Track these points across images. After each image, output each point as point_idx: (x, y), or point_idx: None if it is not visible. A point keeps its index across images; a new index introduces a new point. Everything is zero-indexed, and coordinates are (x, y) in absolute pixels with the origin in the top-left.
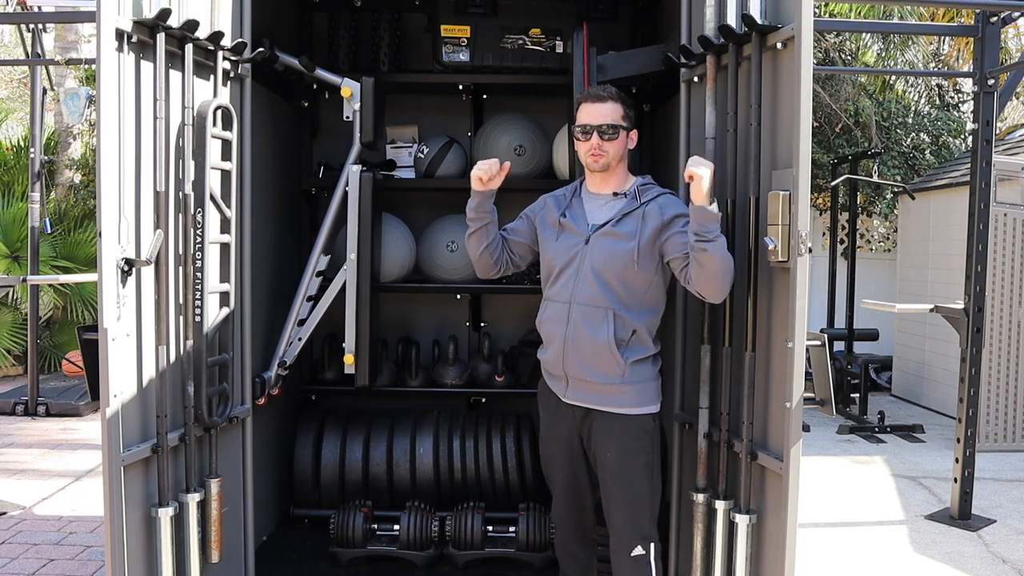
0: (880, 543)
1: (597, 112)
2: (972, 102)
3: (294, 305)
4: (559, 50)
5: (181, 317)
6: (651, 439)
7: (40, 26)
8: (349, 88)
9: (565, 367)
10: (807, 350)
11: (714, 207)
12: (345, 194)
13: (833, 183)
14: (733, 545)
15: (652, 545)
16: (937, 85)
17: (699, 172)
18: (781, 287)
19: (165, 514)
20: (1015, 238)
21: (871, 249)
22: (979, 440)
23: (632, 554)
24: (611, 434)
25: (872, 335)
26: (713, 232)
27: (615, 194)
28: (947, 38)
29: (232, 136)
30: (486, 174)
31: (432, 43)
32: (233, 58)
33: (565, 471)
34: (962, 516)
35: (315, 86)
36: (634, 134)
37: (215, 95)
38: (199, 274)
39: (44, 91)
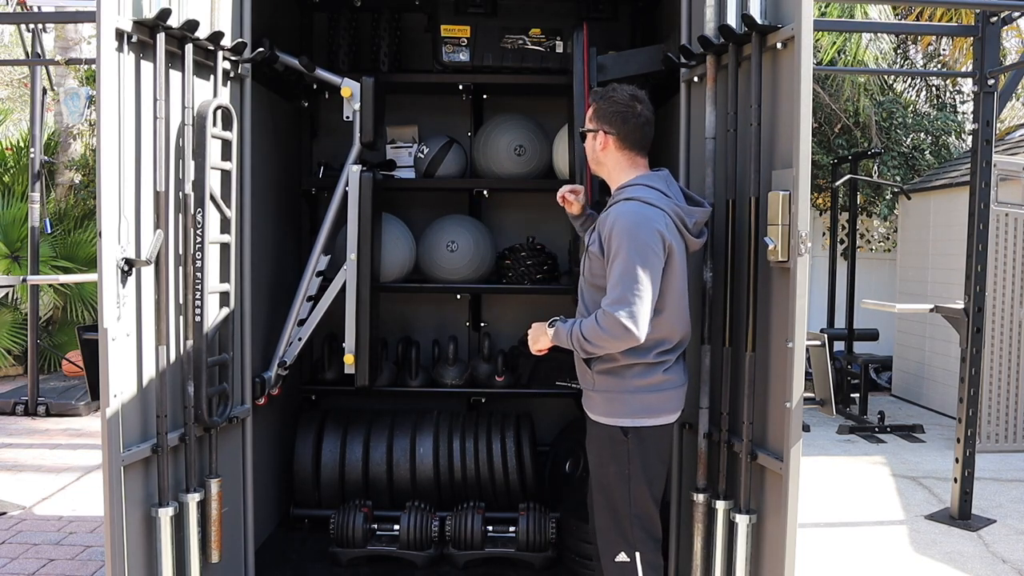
0: (880, 543)
1: None
2: (972, 102)
3: (294, 305)
4: (559, 50)
5: (181, 317)
6: (625, 450)
7: (40, 26)
8: (349, 88)
9: None
10: (807, 350)
11: (551, 333)
12: (345, 194)
13: (836, 184)
14: (733, 545)
15: (637, 555)
16: (934, 85)
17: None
18: (781, 287)
19: (165, 514)
20: (1015, 238)
21: (871, 249)
22: (979, 440)
23: (616, 559)
24: (591, 438)
25: (872, 335)
26: (572, 345)
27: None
28: (947, 38)
29: (232, 136)
30: (561, 200)
31: (432, 43)
32: (233, 58)
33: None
34: (962, 516)
35: (315, 86)
36: (605, 138)
37: (215, 95)
38: (199, 274)
39: (44, 91)
